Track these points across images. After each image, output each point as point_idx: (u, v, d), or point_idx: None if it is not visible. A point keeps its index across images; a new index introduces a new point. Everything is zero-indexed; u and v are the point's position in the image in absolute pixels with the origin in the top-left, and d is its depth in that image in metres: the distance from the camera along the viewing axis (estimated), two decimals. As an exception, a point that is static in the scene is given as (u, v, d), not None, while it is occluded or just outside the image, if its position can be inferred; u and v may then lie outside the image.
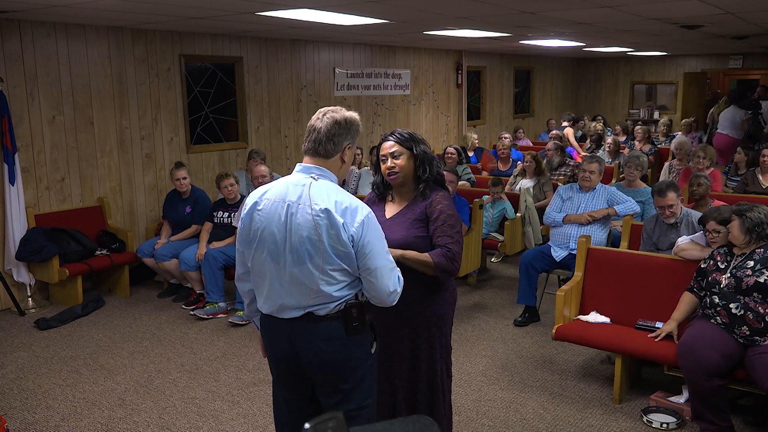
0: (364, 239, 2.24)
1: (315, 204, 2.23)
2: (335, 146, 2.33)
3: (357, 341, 2.36)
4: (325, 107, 2.40)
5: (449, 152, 7.70)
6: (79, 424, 3.78)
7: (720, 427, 3.41)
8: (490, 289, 6.25)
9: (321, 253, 2.22)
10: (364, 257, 2.25)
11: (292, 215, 2.25)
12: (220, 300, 5.56)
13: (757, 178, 6.65)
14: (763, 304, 3.41)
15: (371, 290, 2.31)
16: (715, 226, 3.83)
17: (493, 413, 3.86)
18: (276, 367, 2.48)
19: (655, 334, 3.81)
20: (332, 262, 2.24)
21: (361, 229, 2.23)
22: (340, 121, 2.33)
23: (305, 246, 2.23)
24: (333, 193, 2.26)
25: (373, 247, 2.26)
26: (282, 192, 2.30)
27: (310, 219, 2.22)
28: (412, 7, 5.45)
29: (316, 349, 2.31)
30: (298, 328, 2.32)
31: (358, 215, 2.24)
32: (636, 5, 5.49)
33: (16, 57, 5.66)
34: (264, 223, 2.30)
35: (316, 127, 2.34)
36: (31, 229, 5.69)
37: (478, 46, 10.34)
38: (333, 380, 2.37)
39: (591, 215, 5.13)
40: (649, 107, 14.23)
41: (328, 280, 2.26)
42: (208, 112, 7.45)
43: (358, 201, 2.29)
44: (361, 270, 2.28)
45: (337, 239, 2.21)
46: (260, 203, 2.33)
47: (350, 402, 2.38)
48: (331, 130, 2.31)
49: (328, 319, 2.30)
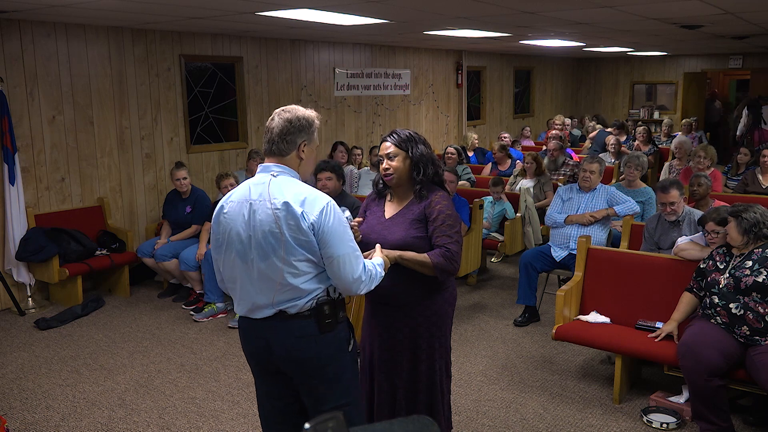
0: (324, 227, 2.27)
1: (274, 198, 2.28)
2: (288, 144, 2.37)
3: (330, 338, 2.37)
4: (281, 107, 2.44)
5: (449, 152, 7.70)
6: (79, 424, 3.78)
7: (720, 427, 3.41)
8: (490, 289, 6.25)
9: (282, 244, 2.26)
10: (325, 245, 2.28)
11: (254, 212, 2.30)
12: (219, 300, 5.56)
13: (757, 178, 6.66)
14: (762, 304, 3.41)
15: (335, 278, 2.33)
16: (714, 227, 3.83)
17: (493, 413, 3.86)
18: (254, 364, 2.52)
19: (655, 334, 3.81)
20: (295, 252, 2.27)
21: (321, 217, 2.27)
22: (292, 120, 2.37)
23: (268, 240, 2.28)
24: (292, 187, 2.31)
25: (334, 234, 2.28)
26: (245, 192, 2.36)
27: (270, 213, 2.27)
28: (412, 7, 5.45)
29: (288, 346, 2.35)
30: (270, 328, 2.36)
31: (317, 204, 2.28)
32: (636, 5, 5.49)
33: (16, 57, 5.66)
34: (230, 225, 2.36)
35: (269, 127, 2.39)
36: (31, 229, 5.69)
37: (478, 46, 10.34)
38: (306, 378, 2.40)
39: (592, 215, 5.13)
40: (649, 107, 14.23)
41: (293, 272, 2.29)
42: (208, 112, 7.45)
43: (318, 192, 2.34)
44: (324, 259, 2.30)
45: (297, 229, 2.25)
46: (225, 207, 2.40)
47: (328, 400, 2.40)
48: (283, 130, 2.36)
49: (300, 317, 2.33)
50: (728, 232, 3.61)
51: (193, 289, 5.84)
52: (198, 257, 5.61)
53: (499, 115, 12.60)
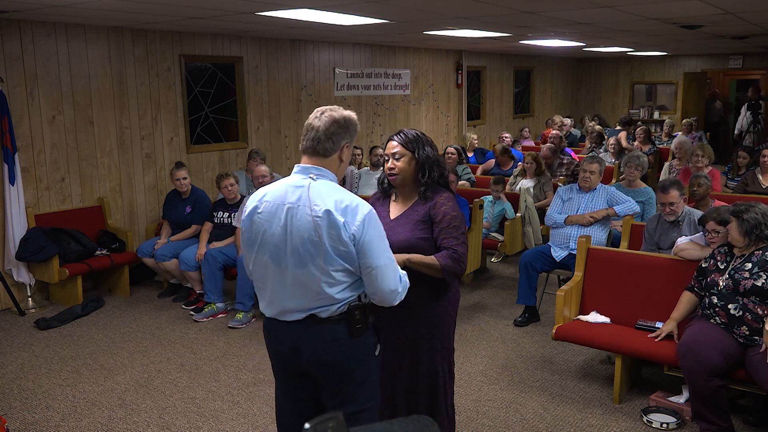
0: (364, 237, 2.22)
1: (315, 205, 2.21)
2: (334, 145, 2.30)
3: (359, 343, 2.35)
4: (323, 106, 2.38)
5: (449, 152, 7.70)
6: (79, 424, 3.78)
7: (720, 427, 3.40)
8: (490, 289, 6.25)
9: (322, 253, 2.21)
10: (365, 256, 2.24)
11: (292, 217, 2.24)
12: (219, 300, 5.56)
13: (757, 178, 6.65)
14: (761, 306, 3.41)
15: (372, 289, 2.29)
16: (715, 227, 3.83)
17: (493, 413, 3.86)
18: (279, 367, 2.48)
19: (655, 334, 3.81)
20: (333, 262, 2.23)
21: (362, 227, 2.22)
22: (338, 119, 2.30)
23: (306, 247, 2.22)
24: (332, 193, 2.24)
25: (374, 245, 2.25)
26: (281, 194, 2.29)
27: (310, 220, 2.20)
28: (412, 7, 5.45)
29: (319, 350, 2.31)
30: (300, 331, 2.31)
31: (358, 214, 2.22)
32: (636, 5, 5.49)
33: (16, 57, 5.66)
34: (264, 226, 2.29)
35: (314, 125, 2.30)
36: (31, 229, 5.69)
37: (478, 46, 10.34)
38: (335, 381, 2.37)
39: (592, 216, 5.13)
40: (649, 107, 14.23)
41: (330, 281, 2.25)
42: (208, 112, 7.45)
43: (358, 199, 2.28)
44: (362, 269, 2.26)
45: (338, 239, 2.20)
46: (260, 206, 2.32)
47: (352, 404, 2.38)
48: (329, 129, 2.28)
49: (330, 321, 2.29)
50: (730, 232, 3.61)
51: (193, 289, 5.84)
52: (198, 257, 5.61)
53: (499, 115, 12.59)
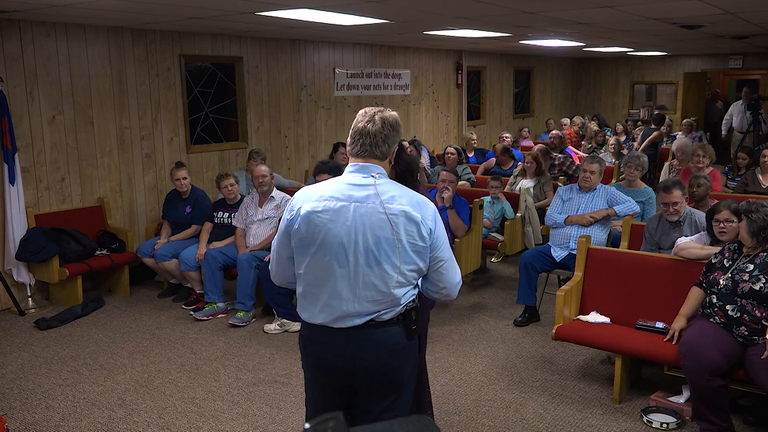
0: (437, 231, 2.23)
1: (387, 203, 2.18)
2: (389, 147, 2.29)
3: (414, 345, 2.34)
4: (367, 108, 2.33)
5: (449, 152, 7.70)
6: (79, 424, 3.78)
7: (720, 427, 3.40)
8: (490, 289, 6.25)
9: (399, 252, 2.18)
10: (436, 249, 2.24)
11: (362, 216, 2.18)
12: (219, 300, 5.56)
13: (757, 178, 6.65)
14: (759, 308, 3.40)
15: (442, 283, 2.29)
16: (729, 215, 3.80)
17: (493, 413, 3.86)
18: (322, 378, 2.37)
19: (669, 336, 3.74)
20: (409, 260, 2.20)
21: (434, 221, 2.23)
22: (392, 122, 2.28)
23: (382, 246, 2.17)
24: (402, 191, 2.24)
25: (444, 238, 2.27)
26: (344, 193, 2.22)
27: (384, 218, 2.17)
28: (412, 7, 5.45)
29: (378, 356, 2.25)
30: (357, 337, 2.24)
31: (429, 209, 2.24)
32: (636, 5, 5.49)
33: (16, 57, 5.66)
34: (328, 226, 2.20)
35: (369, 131, 2.25)
36: (31, 229, 5.69)
37: (478, 46, 10.34)
38: (387, 386, 2.32)
39: (592, 216, 5.13)
40: (649, 107, 14.23)
41: (402, 282, 2.22)
42: (208, 112, 7.45)
43: (422, 196, 2.28)
44: (432, 263, 2.25)
45: (417, 236, 2.19)
46: (319, 206, 2.22)
47: (396, 407, 2.35)
48: (383, 132, 2.26)
49: (390, 323, 2.25)
50: (740, 231, 3.58)
51: (193, 289, 5.84)
52: (198, 257, 5.61)
53: (499, 115, 12.59)
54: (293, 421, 3.78)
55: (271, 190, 5.61)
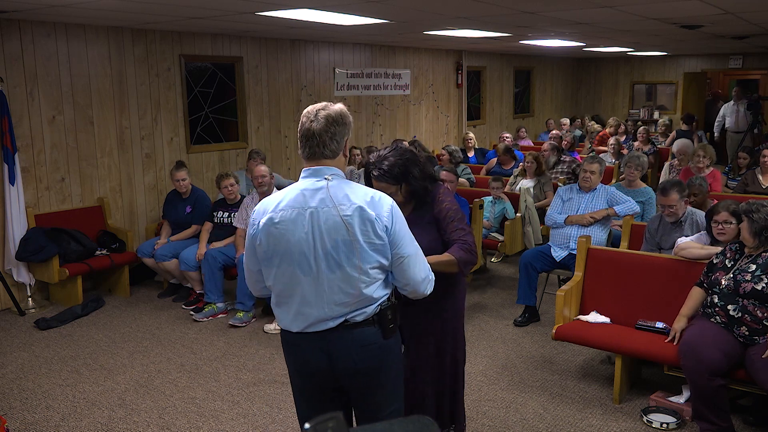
0: (395, 227, 2.21)
1: (341, 205, 2.17)
2: (338, 144, 2.25)
3: (392, 344, 2.32)
4: (311, 106, 2.27)
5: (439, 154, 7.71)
6: (79, 424, 3.78)
7: (720, 427, 3.40)
8: (490, 289, 6.25)
9: (357, 252, 2.17)
10: (396, 246, 2.21)
11: (318, 221, 2.17)
12: (219, 300, 5.56)
13: (757, 178, 6.65)
14: (761, 308, 3.40)
15: (405, 280, 2.26)
16: (728, 217, 3.80)
17: (493, 413, 3.86)
18: (306, 384, 2.37)
19: (670, 338, 3.73)
20: (370, 259, 2.19)
21: (391, 217, 2.21)
22: (336, 118, 2.22)
23: (340, 249, 2.16)
24: (355, 190, 2.22)
25: (403, 234, 2.24)
26: (299, 200, 2.21)
27: (339, 221, 2.16)
28: (412, 7, 5.45)
29: (355, 356, 2.25)
30: (333, 338, 2.24)
31: (385, 205, 2.21)
32: (636, 5, 5.49)
33: (16, 57, 5.66)
34: (286, 236, 2.19)
35: (312, 130, 2.20)
36: (31, 229, 5.69)
37: (478, 46, 10.34)
38: (370, 386, 2.32)
39: (592, 216, 5.13)
40: (649, 107, 14.23)
41: (367, 280, 2.20)
42: (208, 112, 7.45)
43: (379, 192, 2.27)
44: (394, 259, 2.23)
45: (373, 234, 2.17)
46: (276, 216, 2.21)
47: (386, 407, 2.35)
48: (330, 130, 2.21)
49: (365, 324, 2.24)
50: (741, 231, 3.58)
51: (193, 289, 5.84)
52: (198, 257, 5.61)
53: (499, 115, 12.59)
54: (293, 421, 3.79)
55: (271, 190, 5.60)
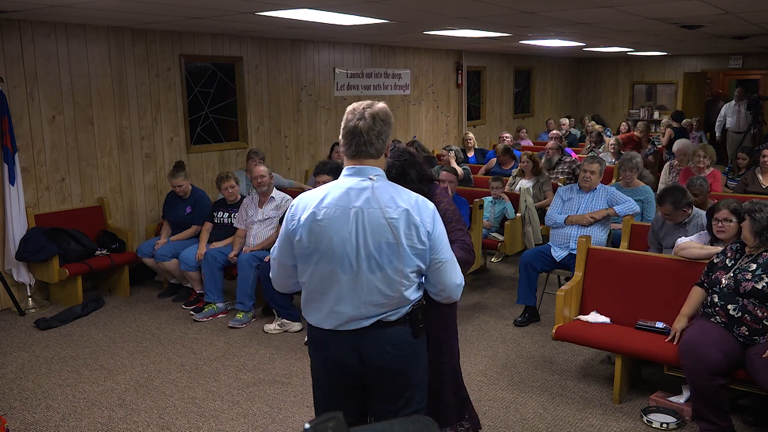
0: (435, 232, 2.21)
1: (387, 207, 2.16)
2: (383, 143, 2.25)
3: (421, 343, 2.34)
4: (355, 103, 2.27)
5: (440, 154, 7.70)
6: (79, 424, 3.78)
7: (720, 427, 3.40)
8: (490, 289, 6.25)
9: (400, 255, 2.17)
10: (435, 251, 2.21)
11: (362, 221, 2.16)
12: (219, 300, 5.56)
13: (757, 178, 6.65)
14: (761, 308, 3.40)
15: (441, 285, 2.27)
16: (728, 215, 3.80)
17: (493, 413, 3.86)
18: (332, 380, 2.36)
19: (670, 337, 3.73)
20: (411, 263, 2.19)
21: (433, 222, 2.21)
22: (382, 116, 2.22)
23: (383, 250, 2.16)
24: (400, 193, 2.21)
25: (443, 238, 2.25)
26: (343, 199, 2.19)
27: (384, 223, 2.15)
28: (412, 7, 5.45)
29: (386, 355, 2.25)
30: (366, 337, 2.24)
31: (428, 209, 2.21)
32: (636, 5, 5.49)
33: (16, 57, 5.66)
34: (329, 234, 2.18)
35: (358, 128, 2.20)
36: (31, 229, 5.68)
37: (478, 46, 10.34)
38: (399, 386, 2.32)
39: (592, 216, 5.13)
40: (649, 107, 14.23)
41: (407, 284, 2.21)
42: (208, 112, 7.45)
43: (420, 196, 2.25)
44: (431, 264, 2.23)
45: (416, 238, 2.17)
46: (319, 213, 2.19)
47: (411, 405, 2.35)
48: (375, 128, 2.20)
49: (398, 323, 2.25)
50: (743, 231, 3.58)
51: (193, 289, 5.83)
52: (198, 257, 5.61)
53: (499, 115, 12.60)
54: (293, 421, 3.79)
55: (270, 191, 5.60)
